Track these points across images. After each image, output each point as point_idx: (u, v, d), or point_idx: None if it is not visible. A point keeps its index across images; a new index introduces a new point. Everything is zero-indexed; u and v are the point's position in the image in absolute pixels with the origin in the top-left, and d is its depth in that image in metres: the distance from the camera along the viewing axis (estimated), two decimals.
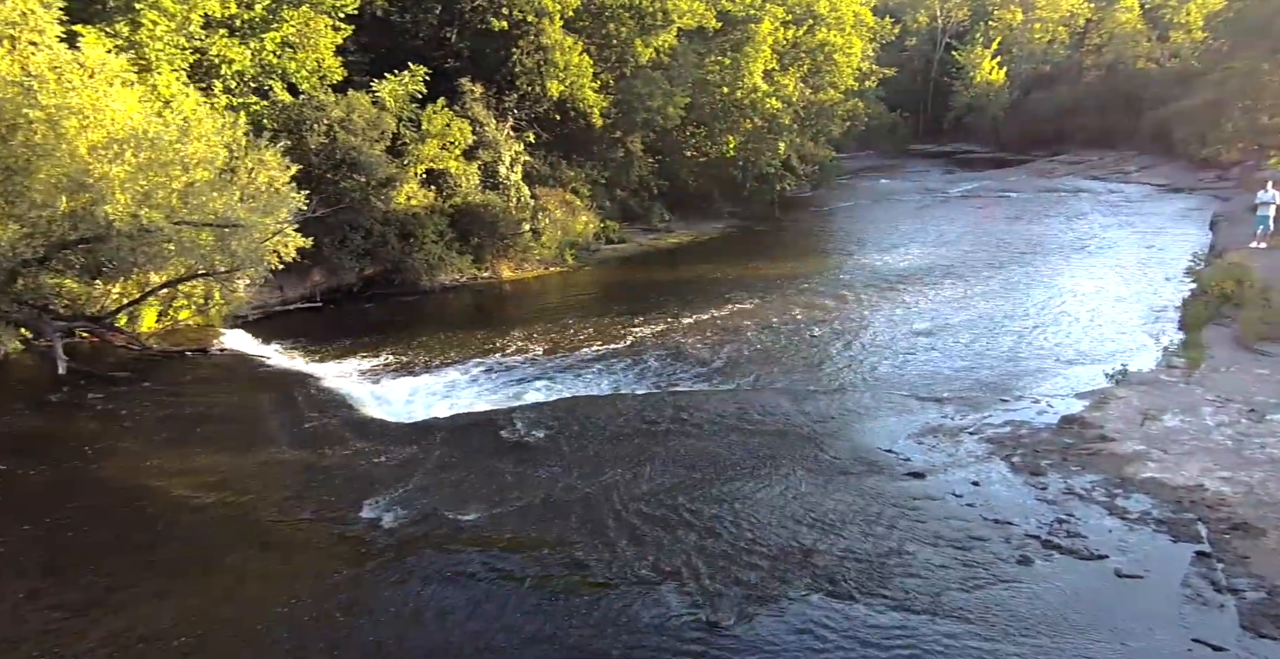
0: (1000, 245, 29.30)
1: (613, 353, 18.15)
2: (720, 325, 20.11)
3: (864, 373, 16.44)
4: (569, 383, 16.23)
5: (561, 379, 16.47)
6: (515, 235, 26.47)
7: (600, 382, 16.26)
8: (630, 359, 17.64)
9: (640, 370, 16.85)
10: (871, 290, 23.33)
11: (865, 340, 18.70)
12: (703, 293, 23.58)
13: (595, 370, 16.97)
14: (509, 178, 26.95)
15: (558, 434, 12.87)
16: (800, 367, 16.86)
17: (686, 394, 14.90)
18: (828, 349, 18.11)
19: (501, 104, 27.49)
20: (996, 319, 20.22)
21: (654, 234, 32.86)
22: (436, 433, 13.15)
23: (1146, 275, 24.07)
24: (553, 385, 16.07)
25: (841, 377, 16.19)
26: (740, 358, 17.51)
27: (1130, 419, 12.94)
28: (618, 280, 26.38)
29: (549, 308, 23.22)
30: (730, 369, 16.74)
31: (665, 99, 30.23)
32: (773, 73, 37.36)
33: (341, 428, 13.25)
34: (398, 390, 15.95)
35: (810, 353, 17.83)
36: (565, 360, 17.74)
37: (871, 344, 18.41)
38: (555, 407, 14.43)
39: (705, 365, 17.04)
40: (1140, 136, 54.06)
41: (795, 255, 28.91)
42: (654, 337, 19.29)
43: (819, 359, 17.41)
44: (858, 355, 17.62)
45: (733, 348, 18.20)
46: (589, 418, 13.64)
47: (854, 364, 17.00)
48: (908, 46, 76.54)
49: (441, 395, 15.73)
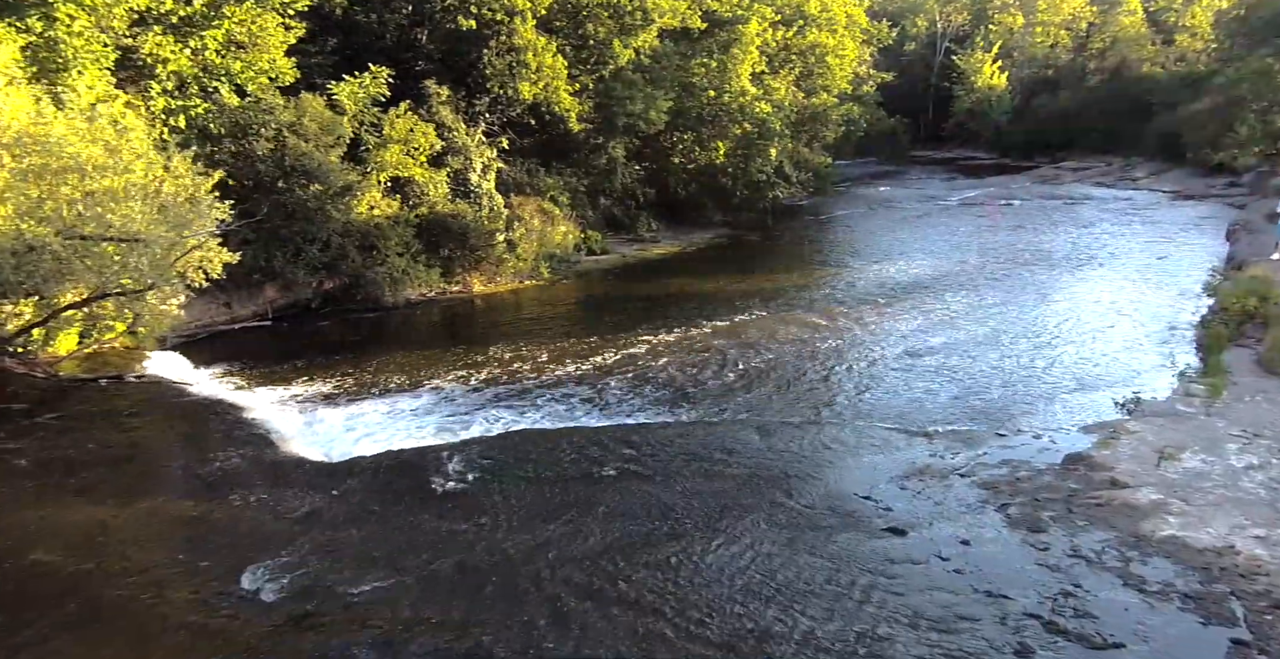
0: (1001, 256, 27.73)
1: (577, 376, 16.62)
2: (696, 345, 18.56)
3: (847, 401, 14.87)
4: (523, 412, 14.69)
5: (516, 407, 14.93)
6: (488, 247, 24.97)
7: (557, 410, 14.71)
8: (595, 384, 16.10)
9: (603, 398, 15.30)
10: (863, 306, 21.78)
11: (851, 363, 17.14)
12: (682, 308, 22.05)
13: (554, 397, 15.43)
14: (481, 186, 25.47)
15: (493, 477, 11.34)
16: (777, 394, 15.30)
17: (646, 428, 13.35)
18: (809, 373, 16.54)
19: (472, 108, 26.04)
20: (996, 338, 18.66)
21: (639, 244, 31.34)
22: (358, 475, 11.63)
23: (1158, 289, 22.48)
24: (504, 415, 14.53)
25: (821, 406, 14.62)
26: (712, 383, 15.95)
27: (1144, 459, 11.37)
28: (595, 294, 24.86)
29: (518, 325, 21.71)
30: (700, 396, 15.19)
31: (647, 103, 28.77)
32: (762, 76, 35.92)
33: (250, 470, 11.71)
34: (332, 421, 14.43)
35: (789, 377, 16.26)
36: (524, 384, 16.21)
37: (858, 367, 16.85)
38: (499, 442, 12.90)
39: (673, 392, 15.50)
40: (1146, 142, 52.46)
41: (784, 267, 27.37)
42: (624, 358, 17.76)
43: (798, 385, 15.84)
44: (842, 380, 16.05)
45: (706, 371, 16.65)
46: (533, 457, 12.12)
47: (837, 391, 15.43)
48: (907, 52, 75.16)
49: (381, 427, 14.21)
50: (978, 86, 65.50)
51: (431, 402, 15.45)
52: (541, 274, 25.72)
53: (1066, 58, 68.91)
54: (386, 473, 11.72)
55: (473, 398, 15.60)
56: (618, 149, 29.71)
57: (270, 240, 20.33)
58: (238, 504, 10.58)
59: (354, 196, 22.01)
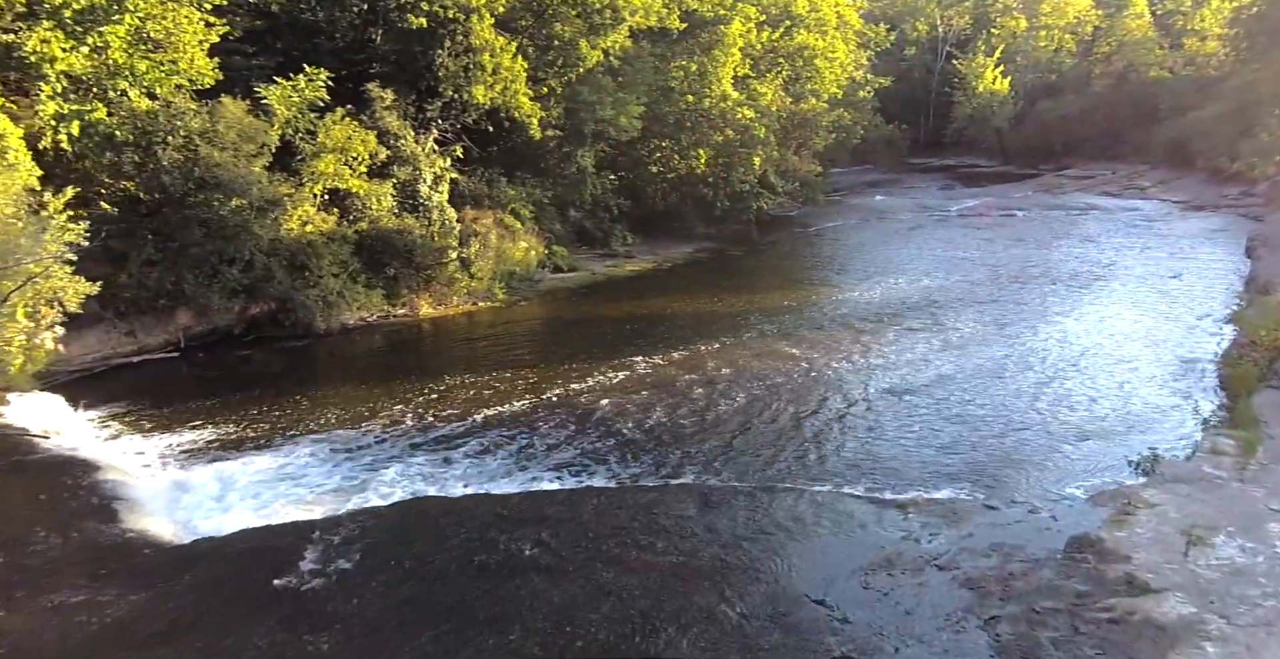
0: (999, 274, 25.56)
1: (510, 420, 14.47)
2: (653, 380, 16.42)
3: (812, 457, 12.71)
4: (435, 470, 12.52)
5: (429, 462, 12.78)
6: (437, 265, 22.87)
7: (474, 468, 12.54)
8: (528, 430, 13.95)
9: (530, 451, 13.14)
10: (844, 332, 19.62)
11: (823, 405, 14.97)
12: (646, 334, 19.92)
13: (478, 448, 13.28)
14: (431, 198, 23.38)
15: (367, 568, 9.20)
16: (731, 447, 13.13)
17: (570, 496, 11.19)
18: (774, 418, 14.36)
19: (423, 113, 23.95)
20: (990, 372, 16.49)
21: (612, 260, 29.22)
22: (207, 562, 9.51)
23: (1172, 314, 20.29)
24: (412, 473, 12.38)
25: (781, 463, 12.45)
26: (661, 431, 13.79)
27: (1168, 544, 9.20)
28: (554, 318, 22.73)
29: (462, 354, 19.62)
30: (643, 450, 13.02)
31: (617, 108, 26.69)
32: (748, 80, 33.82)
33: (77, 557, 9.59)
34: (207, 483, 12.27)
35: (750, 424, 14.08)
36: (449, 430, 14.07)
37: (830, 411, 14.67)
38: (391, 516, 10.77)
39: (614, 443, 13.34)
40: (1154, 149, 50.33)
41: (764, 286, 25.23)
42: (568, 396, 15.62)
43: (758, 434, 13.67)
44: (809, 429, 13.88)
45: (657, 415, 14.49)
46: (424, 537, 10.00)
47: (801, 443, 13.26)
48: (907, 56, 73.09)
49: (263, 490, 12.05)
50: (979, 92, 63.30)
51: (336, 454, 13.30)
52: (496, 295, 23.56)
53: (1071, 62, 66.76)
54: (242, 559, 9.59)
55: (386, 448, 13.46)
56: (587, 157, 27.60)
57: (180, 260, 18.24)
58: (42, 608, 8.46)
59: (282, 211, 19.92)
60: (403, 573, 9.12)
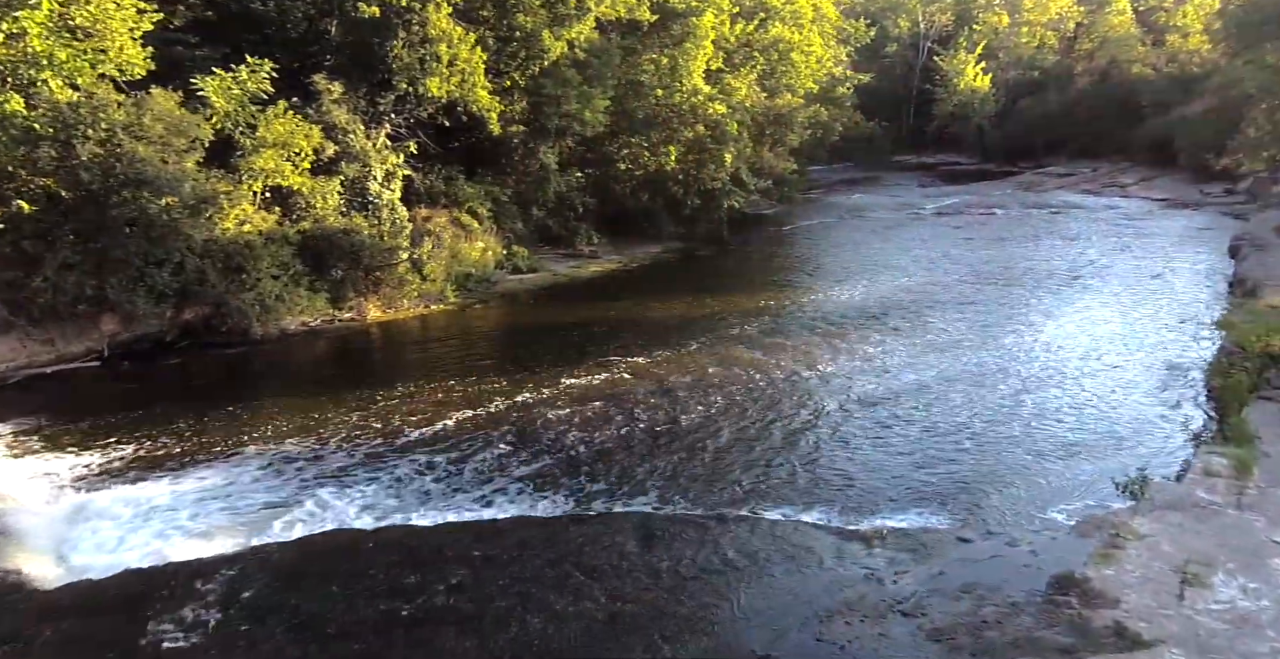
0: (977, 275, 24.61)
1: (445, 437, 13.34)
2: (606, 391, 15.32)
3: (771, 477, 11.64)
4: (356, 495, 11.37)
5: (350, 487, 11.62)
6: (387, 266, 21.66)
7: (397, 496, 11.39)
8: (463, 449, 12.82)
9: (462, 473, 12.02)
10: (814, 337, 18.59)
11: (787, 417, 13.92)
12: (602, 340, 18.82)
13: (405, 471, 12.12)
14: (381, 196, 22.17)
15: (251, 622, 8.09)
16: (682, 467, 12.05)
17: (498, 528, 10.10)
18: (731, 434, 13.29)
19: (375, 107, 22.74)
20: (967, 380, 15.50)
21: (576, 260, 28.08)
22: (67, 617, 8.36)
23: (1156, 317, 19.38)
24: (328, 501, 11.19)
25: (736, 486, 11.37)
26: (608, 449, 12.70)
27: (1160, 584, 8.19)
28: (509, 322, 21.58)
29: (408, 361, 18.50)
30: (585, 472, 11.92)
31: (582, 102, 25.54)
32: (721, 74, 32.73)
33: None
34: (109, 508, 11.10)
35: (704, 441, 13.01)
36: (378, 449, 12.92)
37: (794, 424, 13.62)
38: (293, 553, 9.63)
39: (556, 463, 12.24)
40: (1136, 146, 49.71)
41: (732, 288, 24.16)
42: (513, 409, 14.50)
43: (713, 453, 12.59)
44: (770, 444, 12.82)
45: (605, 431, 13.40)
46: (326, 579, 8.87)
47: (759, 462, 12.19)
48: (888, 53, 72.20)
49: (158, 520, 10.84)
50: (960, 89, 62.57)
51: (250, 476, 12.13)
52: (447, 297, 22.38)
53: (1053, 59, 66.14)
54: (117, 609, 8.45)
55: (306, 470, 12.30)
56: (550, 154, 26.44)
57: (103, 263, 16.99)
58: None
59: (218, 210, 18.69)
60: (296, 626, 8.00)
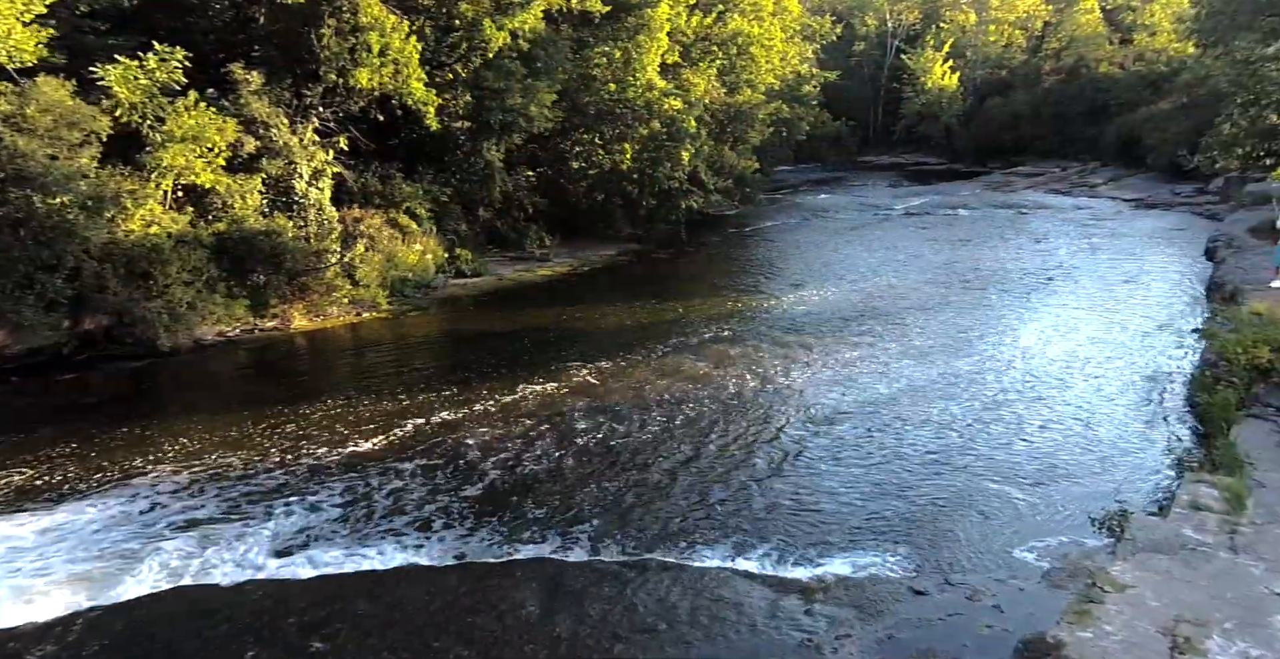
0: (944, 278, 23.43)
1: (348, 465, 11.87)
2: (540, 408, 13.92)
3: (706, 513, 10.27)
4: (224, 539, 9.87)
5: (220, 529, 10.10)
6: (314, 271, 20.17)
7: (275, 533, 9.91)
8: (369, 479, 11.36)
9: (361, 509, 10.56)
10: (770, 347, 17.28)
11: (734, 440, 12.57)
12: (546, 350, 17.43)
13: (292, 506, 10.64)
14: (308, 195, 20.64)
15: None
16: (610, 498, 10.66)
17: (378, 580, 8.68)
18: (669, 458, 11.94)
19: (301, 100, 21.19)
20: (929, 396, 14.24)
21: (526, 264, 26.64)
22: None
23: (1132, 323, 18.25)
24: (184, 550, 9.65)
25: (665, 523, 9.99)
26: (532, 478, 11.30)
27: (1148, 651, 6.92)
28: (445, 331, 20.09)
29: (330, 375, 16.99)
30: (499, 505, 10.50)
31: (527, 96, 24.10)
32: (678, 69, 31.42)
33: None
34: None
35: (636, 466, 11.64)
36: (269, 482, 11.44)
37: (738, 448, 12.28)
38: (137, 615, 8.16)
39: (465, 494, 10.81)
40: (1105, 145, 49.07)
41: (688, 292, 22.80)
42: (438, 430, 13.06)
43: (646, 481, 11.22)
44: (710, 472, 11.46)
45: (532, 456, 11.99)
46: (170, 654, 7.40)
47: (696, 492, 10.83)
48: (855, 52, 71.40)
49: (19, 564, 9.36)
50: (927, 87, 61.78)
51: (116, 513, 10.61)
52: (380, 304, 20.86)
53: (1021, 58, 65.54)
54: None
55: (184, 506, 10.79)
56: (494, 151, 24.98)
57: None
58: None
59: (120, 210, 17.12)
60: None
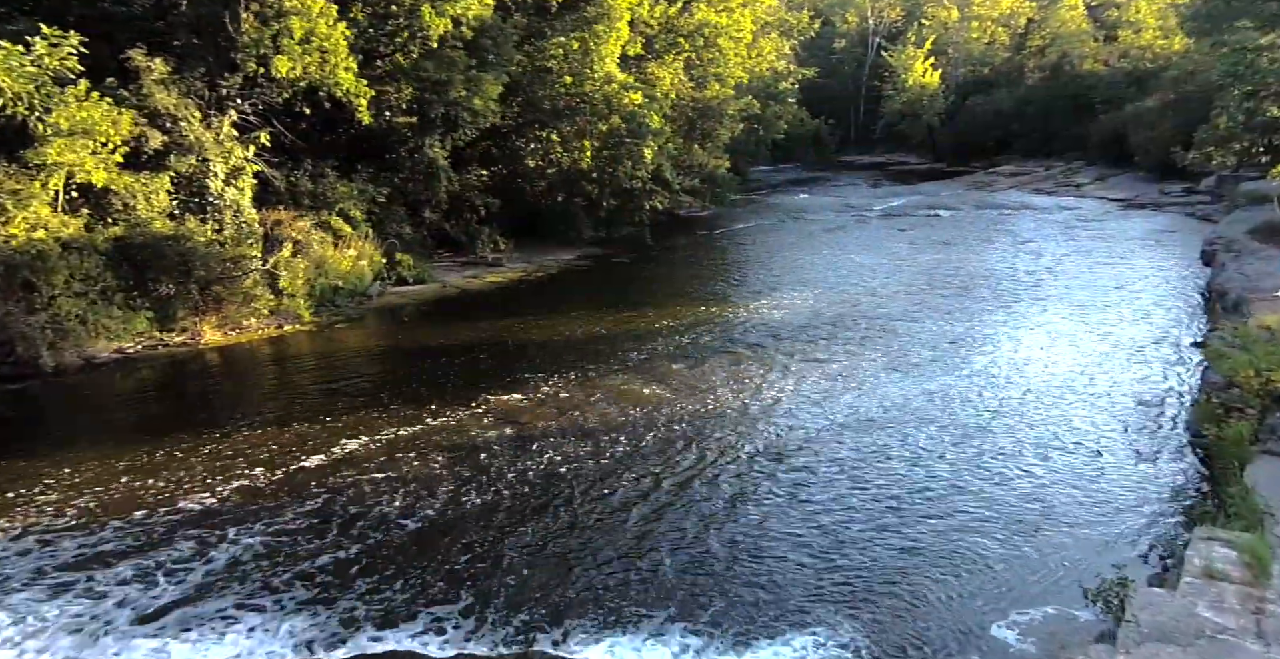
0: (919, 285, 21.78)
1: (212, 514, 10.08)
2: (448, 438, 12.15)
3: (619, 582, 8.50)
4: (26, 614, 8.09)
5: (30, 604, 8.32)
6: (229, 279, 18.31)
7: (62, 612, 8.12)
8: (215, 537, 9.55)
9: (179, 579, 8.75)
10: (722, 362, 15.56)
11: (671, 479, 10.82)
12: (470, 368, 15.69)
13: (125, 573, 8.83)
14: (224, 196, 18.80)
15: None
16: (506, 558, 8.87)
17: None
18: (591, 503, 10.18)
19: (217, 91, 19.34)
20: (896, 424, 12.54)
21: (476, 269, 24.84)
22: None
23: (1125, 337, 16.61)
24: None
25: (564, 596, 8.19)
26: (418, 533, 9.50)
27: None
28: (372, 346, 18.26)
29: (232, 398, 15.14)
30: (376, 567, 8.71)
31: (472, 88, 22.32)
32: (643, 62, 29.72)
33: None
34: None
35: (554, 518, 9.87)
36: (109, 536, 9.61)
37: (674, 493, 10.52)
38: None
39: (339, 555, 9.01)
40: (1090, 144, 47.69)
41: (643, 302, 21.06)
42: (327, 469, 11.27)
43: (558, 536, 9.44)
44: (637, 524, 9.68)
45: (427, 502, 10.21)
46: None
47: (614, 553, 9.04)
48: (836, 49, 69.97)
49: None
50: (909, 85, 60.24)
51: None
52: (302, 316, 19.03)
53: (1004, 56, 64.19)
54: None
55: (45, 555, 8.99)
56: (437, 148, 23.17)
57: None
58: None
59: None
60: None
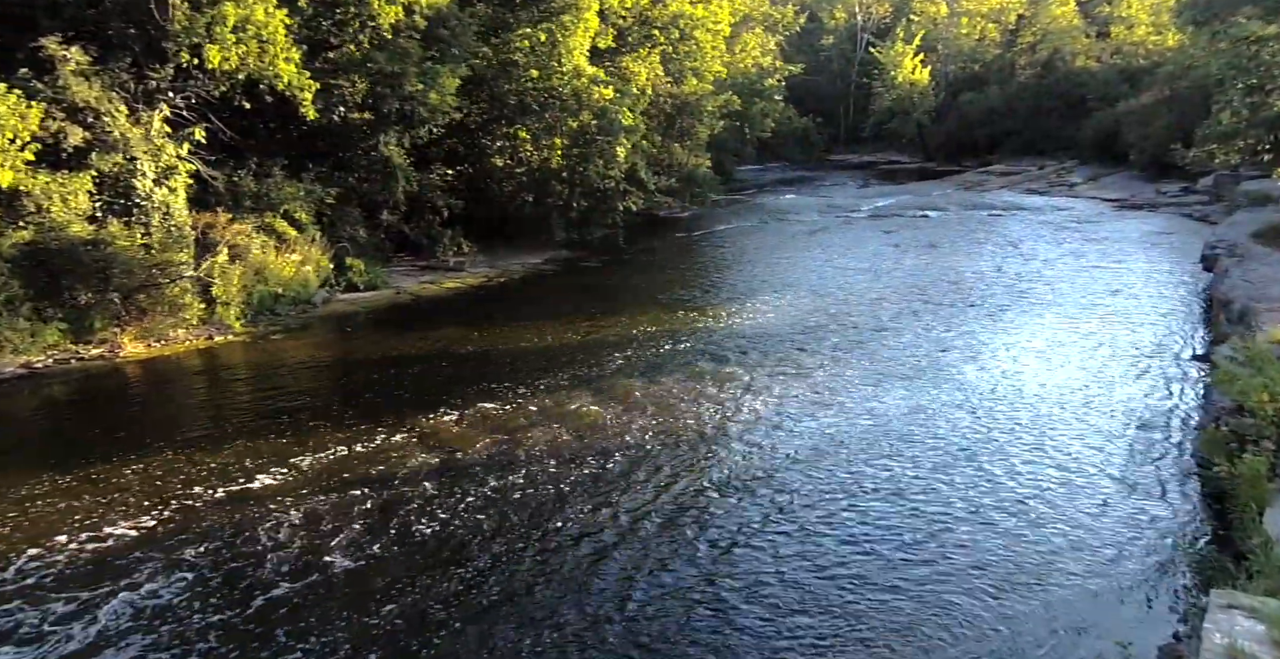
0: (904, 291, 20.49)
1: (121, 555, 8.74)
2: (374, 473, 10.81)
3: (552, 642, 7.19)
4: None
5: None
6: (154, 287, 16.95)
7: None
8: (79, 589, 8.23)
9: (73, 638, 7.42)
10: (683, 380, 14.24)
11: (619, 518, 9.49)
12: (414, 386, 14.34)
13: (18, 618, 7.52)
14: (153, 197, 17.41)
15: None
16: (418, 615, 7.54)
17: None
18: (524, 545, 8.85)
19: (145, 83, 17.95)
20: (865, 453, 11.24)
21: (436, 274, 23.50)
22: None
23: (1121, 350, 15.33)
24: None
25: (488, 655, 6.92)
26: (319, 586, 8.16)
27: None
28: (307, 359, 16.83)
29: (141, 421, 13.72)
30: (260, 633, 7.39)
31: (427, 81, 20.97)
32: (617, 55, 28.40)
33: None
34: None
35: (470, 564, 8.54)
36: None
37: (621, 532, 9.19)
38: None
39: (218, 616, 7.69)
40: (1083, 142, 46.49)
41: (607, 309, 19.71)
42: (225, 504, 9.94)
43: (474, 587, 8.12)
44: (569, 573, 8.36)
45: (341, 543, 8.87)
46: None
47: (541, 607, 7.72)
48: (824, 46, 68.78)
49: None
50: (898, 82, 59.05)
51: None
52: (233, 328, 17.65)
53: (995, 52, 63.04)
54: None
55: None
56: (392, 145, 21.80)
57: None
58: None
59: None
60: None
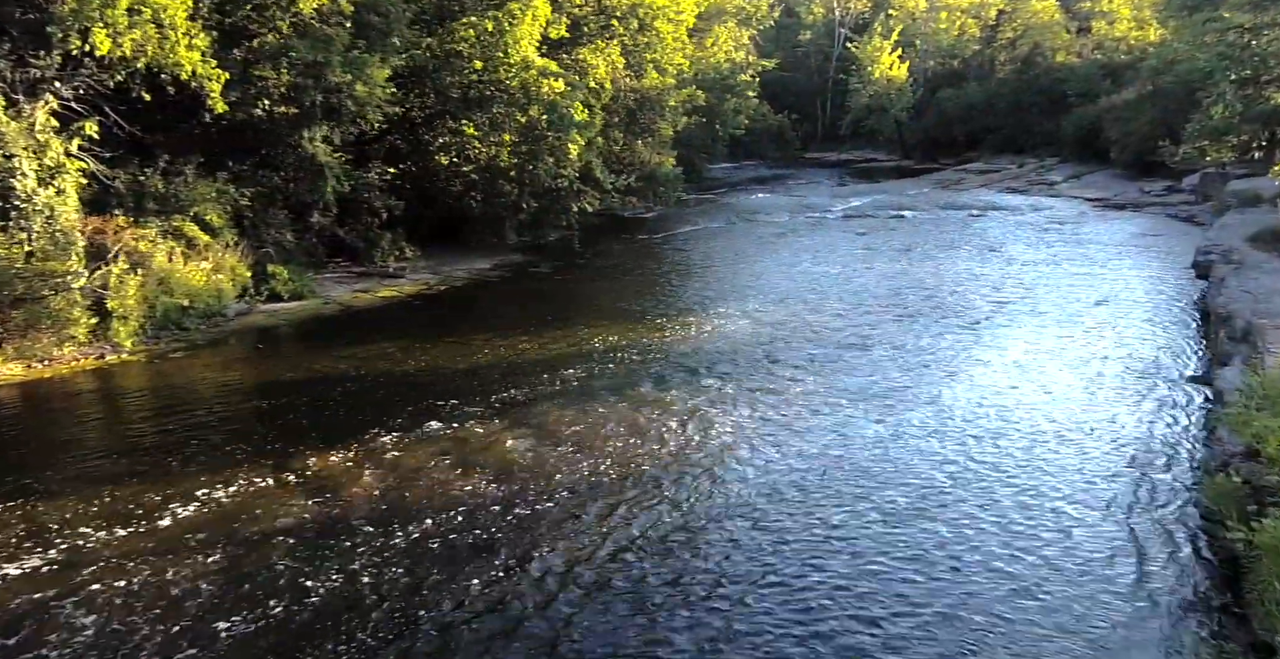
0: (873, 299, 18.92)
1: None
2: (245, 527, 9.07)
3: None
4: None
5: None
6: (34, 301, 15.13)
7: None
8: None
9: None
10: (619, 403, 12.57)
11: (500, 578, 7.80)
12: (317, 414, 12.63)
13: None
14: (35, 199, 15.59)
15: None
16: None
17: None
18: (387, 619, 7.16)
19: (26, 71, 16.12)
20: (825, 490, 9.62)
21: (372, 280, 21.75)
22: None
23: (1108, 368, 13.77)
24: None
25: None
26: None
27: None
28: (210, 380, 15.00)
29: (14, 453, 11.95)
30: None
31: (353, 72, 19.22)
32: (574, 46, 26.73)
33: None
34: None
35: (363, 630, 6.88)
36: None
37: (519, 594, 7.52)
38: None
39: None
40: (1064, 139, 45.26)
41: (549, 321, 17.99)
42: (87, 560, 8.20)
43: None
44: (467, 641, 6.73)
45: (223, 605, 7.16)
46: None
47: None
48: (801, 42, 67.40)
49: None
50: (875, 78, 57.70)
51: None
52: (122, 344, 15.85)
53: (974, 48, 61.83)
54: None
55: None
56: (318, 141, 20.03)
57: None
58: None
59: None
60: None
